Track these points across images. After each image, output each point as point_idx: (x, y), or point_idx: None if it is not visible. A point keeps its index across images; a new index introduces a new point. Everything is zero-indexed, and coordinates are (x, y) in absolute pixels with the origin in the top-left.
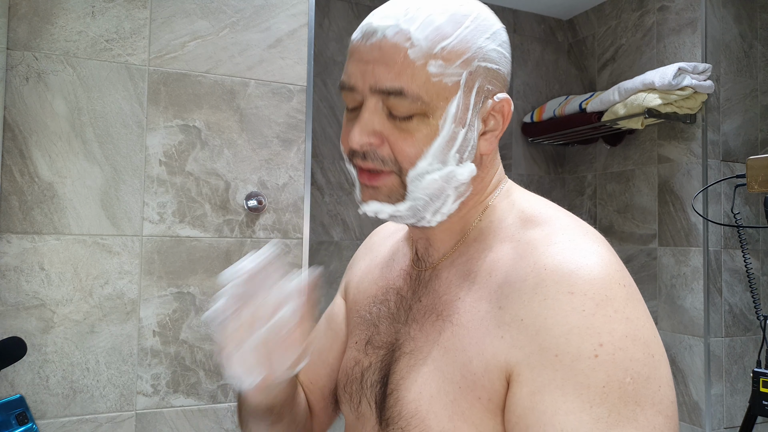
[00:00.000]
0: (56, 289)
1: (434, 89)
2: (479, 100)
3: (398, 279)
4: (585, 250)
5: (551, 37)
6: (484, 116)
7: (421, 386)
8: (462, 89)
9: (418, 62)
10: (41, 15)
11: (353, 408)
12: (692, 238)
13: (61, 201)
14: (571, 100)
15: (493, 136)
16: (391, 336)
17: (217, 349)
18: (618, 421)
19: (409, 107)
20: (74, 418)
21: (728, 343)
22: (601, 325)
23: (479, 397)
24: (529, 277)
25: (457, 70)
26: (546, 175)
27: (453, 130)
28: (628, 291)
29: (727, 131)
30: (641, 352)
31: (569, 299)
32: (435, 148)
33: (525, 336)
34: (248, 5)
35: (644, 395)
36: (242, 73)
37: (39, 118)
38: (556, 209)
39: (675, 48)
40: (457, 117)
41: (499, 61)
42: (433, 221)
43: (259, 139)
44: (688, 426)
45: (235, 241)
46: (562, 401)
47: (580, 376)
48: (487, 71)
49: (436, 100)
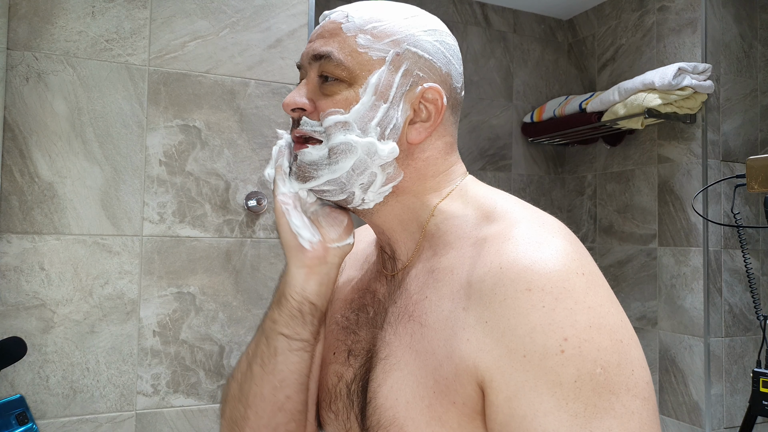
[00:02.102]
0: (56, 289)
1: (359, 59)
2: (405, 82)
3: (373, 282)
4: (540, 243)
5: (551, 37)
6: (413, 102)
7: (396, 393)
8: (387, 66)
9: (349, 33)
10: (41, 15)
11: (340, 425)
12: (692, 238)
13: (61, 201)
14: (571, 100)
15: (423, 128)
16: (369, 342)
17: (277, 213)
18: (595, 414)
19: (334, 71)
20: (74, 418)
21: (728, 343)
22: (562, 320)
23: (453, 401)
24: (486, 278)
25: (385, 47)
26: (546, 175)
27: (374, 102)
28: (588, 279)
29: (727, 131)
30: (608, 339)
31: (527, 297)
32: (354, 113)
33: (491, 339)
34: (248, 5)
35: (617, 383)
36: (242, 73)
37: (39, 118)
38: (513, 202)
39: (675, 48)
40: (378, 90)
41: (434, 53)
42: (368, 201)
43: (259, 139)
44: (688, 426)
45: (235, 241)
46: (539, 402)
47: (550, 374)
48: (417, 57)
49: (359, 70)
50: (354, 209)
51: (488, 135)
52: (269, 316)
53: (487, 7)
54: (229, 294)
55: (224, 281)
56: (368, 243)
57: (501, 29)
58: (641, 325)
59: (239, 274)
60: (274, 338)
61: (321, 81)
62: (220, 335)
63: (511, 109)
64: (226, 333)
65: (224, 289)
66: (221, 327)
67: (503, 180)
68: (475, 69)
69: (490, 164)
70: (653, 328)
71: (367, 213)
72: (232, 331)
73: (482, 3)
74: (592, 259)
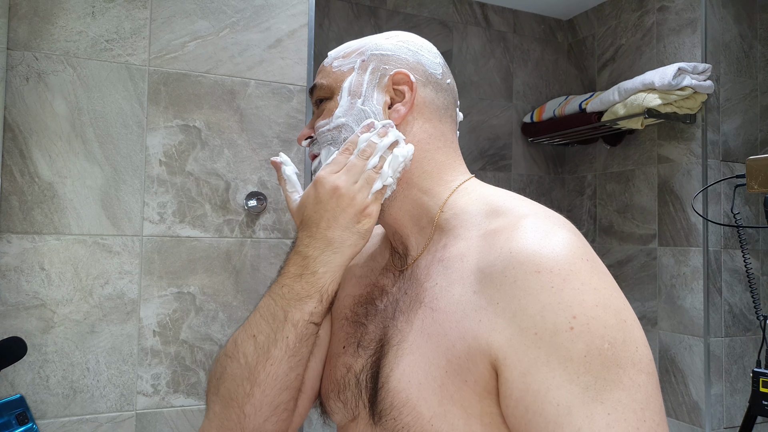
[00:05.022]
0: (56, 289)
1: (334, 76)
2: (374, 78)
3: (382, 277)
4: (547, 232)
5: (551, 37)
6: (387, 90)
7: (409, 375)
8: (356, 71)
9: (327, 64)
10: (41, 15)
11: (348, 413)
12: (692, 238)
13: (61, 201)
14: (571, 100)
15: (402, 106)
16: (380, 332)
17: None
18: (605, 386)
19: (319, 93)
20: (74, 418)
21: (728, 343)
22: (571, 298)
23: (465, 380)
24: (497, 262)
25: (352, 59)
26: (546, 175)
27: (350, 102)
28: (593, 265)
29: (726, 131)
30: (613, 318)
31: (537, 278)
32: (335, 116)
33: (503, 319)
34: (248, 5)
35: (624, 357)
36: (242, 73)
37: (39, 118)
38: (520, 200)
39: (675, 48)
40: (351, 90)
41: (397, 50)
42: None
43: (259, 139)
44: (688, 426)
45: (235, 241)
46: (551, 377)
47: (561, 350)
48: (381, 56)
49: (335, 83)
50: None
51: (488, 135)
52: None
53: (487, 7)
54: (229, 294)
55: (224, 281)
56: (372, 243)
57: (501, 29)
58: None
59: (239, 274)
60: (304, 328)
61: (316, 108)
62: (220, 335)
63: (511, 109)
64: (226, 333)
65: (224, 289)
66: (221, 327)
67: (503, 180)
68: (475, 69)
69: (490, 164)
70: (653, 328)
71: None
72: (233, 331)
73: (482, 3)
74: (594, 252)
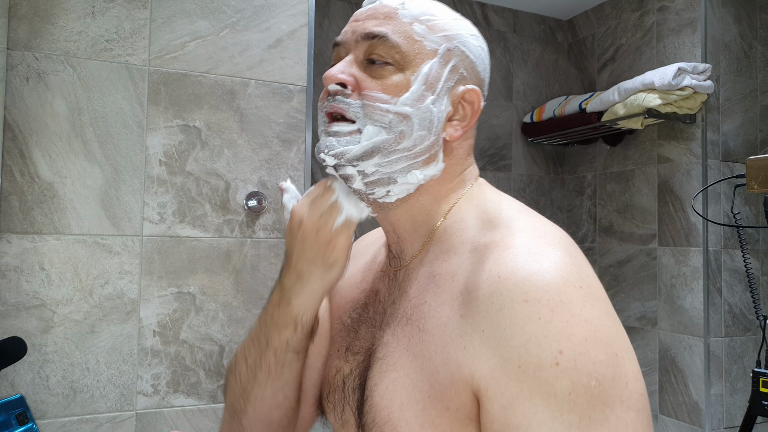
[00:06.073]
0: (56, 289)
1: (414, 46)
2: (452, 78)
3: (377, 281)
4: (539, 254)
5: (551, 37)
6: (454, 100)
7: (392, 393)
8: (438, 58)
9: (405, 19)
10: (41, 15)
11: (337, 416)
12: (692, 238)
13: (61, 201)
14: (570, 100)
15: (459, 126)
16: (368, 341)
17: None
18: (590, 425)
19: (387, 52)
20: (74, 418)
21: (728, 343)
22: (558, 332)
23: (447, 407)
24: (484, 286)
25: (438, 39)
26: (546, 175)
27: (422, 92)
28: (585, 292)
29: (726, 131)
30: (603, 353)
31: (524, 308)
32: (402, 100)
33: (487, 348)
34: (248, 5)
35: (612, 395)
36: (242, 73)
37: (39, 118)
38: (518, 210)
39: (675, 48)
40: (428, 81)
41: (478, 57)
42: (392, 194)
43: (259, 139)
44: (688, 426)
45: (235, 241)
46: (533, 413)
47: (545, 385)
48: (464, 56)
49: (413, 56)
50: (374, 201)
51: (488, 135)
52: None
53: (487, 7)
54: (229, 294)
55: (224, 281)
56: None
57: (501, 29)
58: (641, 325)
59: (239, 274)
60: (283, 355)
61: (367, 63)
62: (220, 335)
63: (511, 109)
64: (226, 333)
65: (224, 289)
66: (221, 327)
67: (503, 180)
68: None
69: (490, 164)
70: (653, 328)
71: (385, 207)
72: (232, 331)
73: (482, 3)
74: (591, 270)
